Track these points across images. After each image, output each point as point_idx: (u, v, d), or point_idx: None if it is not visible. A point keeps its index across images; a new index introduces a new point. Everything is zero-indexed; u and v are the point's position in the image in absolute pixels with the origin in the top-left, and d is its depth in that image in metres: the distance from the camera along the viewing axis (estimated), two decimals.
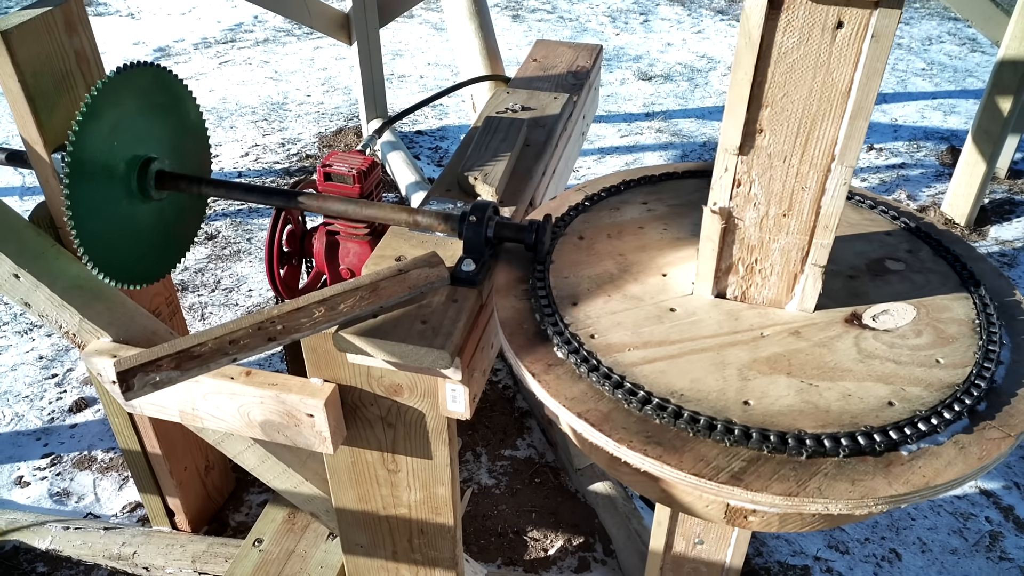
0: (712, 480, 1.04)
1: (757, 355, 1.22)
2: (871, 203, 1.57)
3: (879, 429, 1.08)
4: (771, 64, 1.09)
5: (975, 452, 1.07)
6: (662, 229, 1.51)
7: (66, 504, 2.73)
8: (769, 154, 1.17)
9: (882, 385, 1.16)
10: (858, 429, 1.09)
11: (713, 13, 6.53)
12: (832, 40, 1.06)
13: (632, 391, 1.15)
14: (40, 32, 1.69)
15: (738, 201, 1.23)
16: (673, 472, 1.06)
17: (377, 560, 1.75)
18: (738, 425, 1.09)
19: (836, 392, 1.15)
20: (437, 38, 6.13)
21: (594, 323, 1.29)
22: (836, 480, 1.04)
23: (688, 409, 1.12)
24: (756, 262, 1.28)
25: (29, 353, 3.33)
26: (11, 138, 4.83)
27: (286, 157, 4.65)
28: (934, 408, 1.12)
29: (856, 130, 1.12)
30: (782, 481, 1.04)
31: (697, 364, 1.20)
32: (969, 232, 3.99)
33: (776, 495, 1.02)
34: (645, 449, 1.08)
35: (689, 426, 1.10)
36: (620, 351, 1.23)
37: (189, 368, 1.23)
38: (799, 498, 1.02)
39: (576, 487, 2.74)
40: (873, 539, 2.60)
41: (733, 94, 1.13)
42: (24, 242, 1.79)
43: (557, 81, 2.25)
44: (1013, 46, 3.61)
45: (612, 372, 1.19)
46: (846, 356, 1.22)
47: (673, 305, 1.32)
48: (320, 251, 2.18)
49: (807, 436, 1.08)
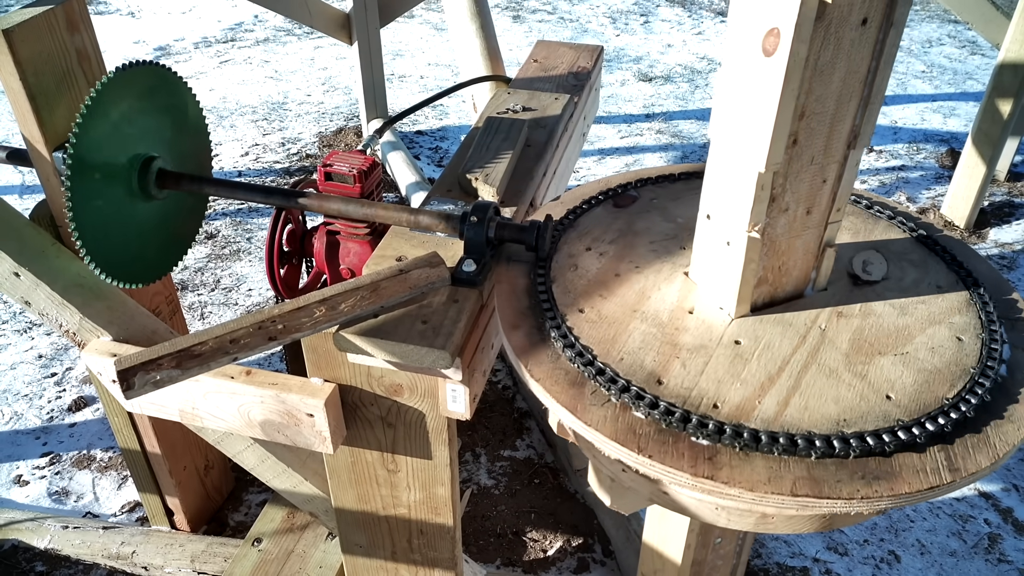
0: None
1: (843, 349, 1.24)
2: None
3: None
4: (809, 75, 1.09)
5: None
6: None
7: (65, 503, 2.73)
8: (800, 159, 1.18)
9: (937, 326, 1.27)
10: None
11: (713, 15, 6.53)
12: (860, 37, 1.07)
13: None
14: (42, 30, 1.69)
15: (773, 214, 1.22)
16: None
17: (376, 560, 1.75)
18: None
19: (925, 349, 1.23)
20: (438, 38, 6.13)
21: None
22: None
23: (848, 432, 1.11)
24: (783, 264, 1.28)
25: (28, 352, 3.33)
26: (12, 136, 4.83)
27: (286, 157, 4.65)
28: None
29: (872, 114, 1.16)
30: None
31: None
32: (968, 234, 4.00)
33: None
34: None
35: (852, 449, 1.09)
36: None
37: (190, 367, 1.23)
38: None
39: (575, 488, 2.74)
40: (872, 541, 2.60)
41: (779, 117, 1.09)
42: (24, 240, 1.79)
43: (558, 82, 2.26)
44: (1013, 49, 3.62)
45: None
46: (889, 316, 1.29)
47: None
48: (320, 251, 2.18)
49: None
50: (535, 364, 1.24)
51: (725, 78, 1.15)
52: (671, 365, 1.21)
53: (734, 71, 1.13)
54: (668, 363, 1.22)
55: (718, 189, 1.25)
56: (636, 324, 1.29)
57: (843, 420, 1.12)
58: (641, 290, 1.36)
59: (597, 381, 1.19)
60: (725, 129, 1.18)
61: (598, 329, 1.28)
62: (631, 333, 1.27)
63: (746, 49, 1.10)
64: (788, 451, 1.08)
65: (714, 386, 1.18)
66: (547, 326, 1.29)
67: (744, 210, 1.20)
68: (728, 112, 1.17)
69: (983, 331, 1.27)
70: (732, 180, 1.21)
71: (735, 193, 1.21)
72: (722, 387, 1.18)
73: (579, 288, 1.37)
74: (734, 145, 1.17)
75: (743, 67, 1.11)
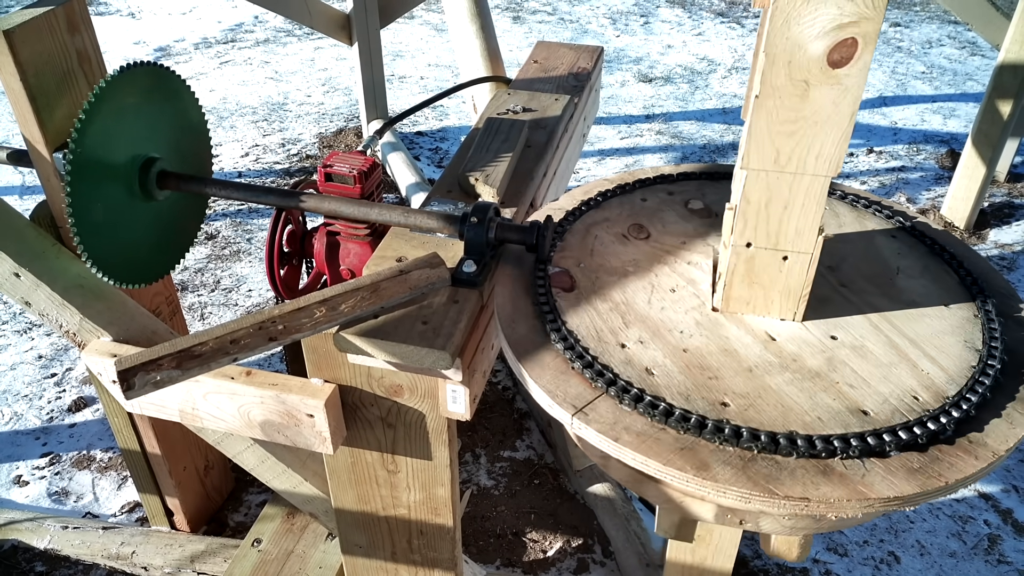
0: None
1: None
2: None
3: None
4: None
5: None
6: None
7: (65, 503, 2.73)
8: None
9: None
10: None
11: (713, 16, 6.53)
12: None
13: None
14: (42, 31, 1.69)
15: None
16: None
17: (376, 561, 1.75)
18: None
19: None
20: (438, 39, 6.13)
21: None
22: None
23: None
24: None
25: (28, 352, 3.33)
26: (12, 137, 4.83)
27: (286, 157, 4.65)
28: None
29: None
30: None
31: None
32: (968, 235, 4.00)
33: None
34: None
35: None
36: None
37: (190, 367, 1.23)
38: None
39: (575, 488, 2.74)
40: (872, 542, 2.60)
41: (850, 123, 1.11)
42: (25, 241, 1.79)
43: (558, 83, 2.26)
44: (1013, 50, 3.62)
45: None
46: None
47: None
48: (320, 251, 2.18)
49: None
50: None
51: (760, 83, 1.12)
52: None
53: (781, 93, 1.11)
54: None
55: (764, 212, 1.23)
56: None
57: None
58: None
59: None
60: (779, 149, 1.16)
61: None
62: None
63: (801, 66, 1.08)
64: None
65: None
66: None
67: (816, 217, 1.20)
68: (782, 133, 1.15)
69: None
70: (790, 197, 1.20)
71: (798, 207, 1.21)
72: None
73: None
74: (794, 161, 1.16)
75: (794, 85, 1.10)
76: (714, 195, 1.62)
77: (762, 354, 1.24)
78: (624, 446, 1.10)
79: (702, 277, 1.40)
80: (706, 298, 1.35)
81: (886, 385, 1.18)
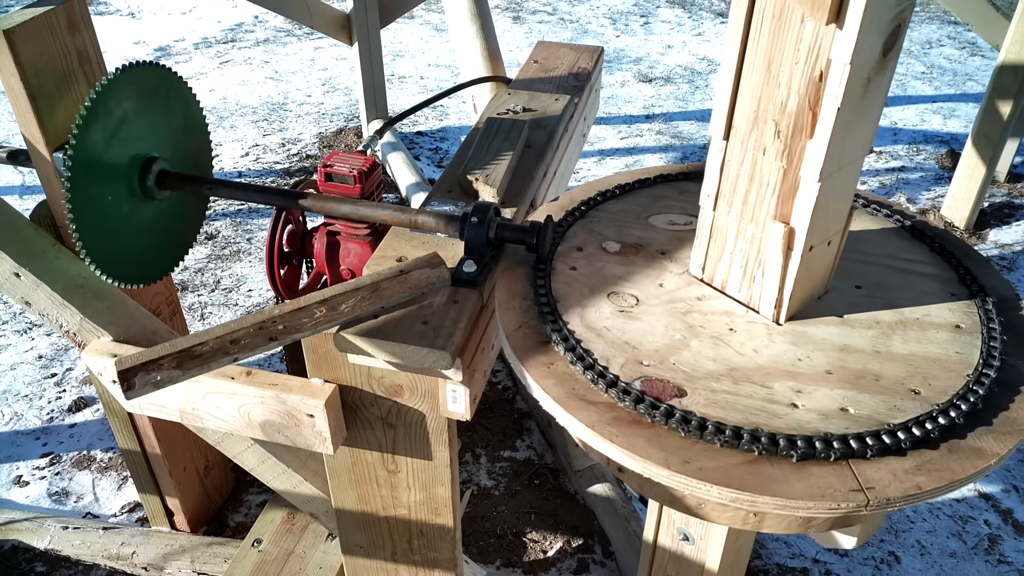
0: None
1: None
2: (863, 202, 1.58)
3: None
4: None
5: None
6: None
7: (65, 504, 2.73)
8: None
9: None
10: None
11: (713, 16, 6.53)
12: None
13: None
14: (43, 31, 1.69)
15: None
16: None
17: (376, 561, 1.75)
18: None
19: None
20: (438, 39, 6.13)
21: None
22: None
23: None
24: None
25: (28, 352, 3.33)
26: (12, 136, 4.83)
27: (286, 157, 4.65)
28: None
29: None
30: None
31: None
32: (968, 235, 4.00)
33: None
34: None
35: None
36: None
37: (190, 367, 1.23)
38: None
39: (575, 489, 2.74)
40: (872, 542, 2.60)
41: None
42: (25, 241, 1.79)
43: (558, 83, 2.26)
44: (1013, 50, 3.62)
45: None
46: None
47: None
48: (321, 251, 2.18)
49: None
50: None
51: (843, 94, 1.08)
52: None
53: (853, 84, 1.08)
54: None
55: (824, 215, 1.21)
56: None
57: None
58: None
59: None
60: (842, 151, 1.15)
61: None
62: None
63: (868, 64, 1.07)
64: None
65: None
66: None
67: (848, 201, 1.23)
68: (846, 135, 1.13)
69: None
70: (842, 190, 1.20)
71: (844, 196, 1.22)
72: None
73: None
74: (847, 155, 1.16)
75: (859, 77, 1.08)
76: None
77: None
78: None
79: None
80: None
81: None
